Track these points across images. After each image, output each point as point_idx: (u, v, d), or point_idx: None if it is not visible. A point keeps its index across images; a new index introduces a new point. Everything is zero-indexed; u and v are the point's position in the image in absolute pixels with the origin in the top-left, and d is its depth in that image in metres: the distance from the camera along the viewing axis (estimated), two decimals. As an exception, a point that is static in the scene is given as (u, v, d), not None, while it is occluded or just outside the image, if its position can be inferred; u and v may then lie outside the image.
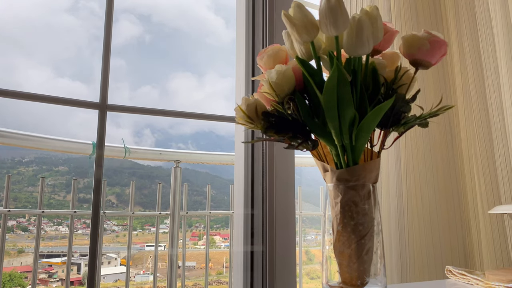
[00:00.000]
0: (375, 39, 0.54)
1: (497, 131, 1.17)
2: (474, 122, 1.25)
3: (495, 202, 1.17)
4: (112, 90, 2.10)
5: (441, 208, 1.22)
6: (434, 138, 1.25)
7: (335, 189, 0.56)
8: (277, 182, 1.18)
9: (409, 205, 1.19)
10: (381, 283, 0.55)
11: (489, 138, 1.20)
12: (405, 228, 1.18)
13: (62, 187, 7.85)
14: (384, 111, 0.52)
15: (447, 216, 1.22)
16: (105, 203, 1.60)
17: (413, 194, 1.19)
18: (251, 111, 0.58)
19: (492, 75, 1.20)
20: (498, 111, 1.17)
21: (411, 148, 1.22)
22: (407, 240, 1.18)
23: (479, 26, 1.27)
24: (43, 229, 1.95)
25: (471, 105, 1.27)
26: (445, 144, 1.27)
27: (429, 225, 1.19)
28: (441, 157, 1.25)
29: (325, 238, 0.58)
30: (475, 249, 1.24)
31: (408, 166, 1.21)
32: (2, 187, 1.38)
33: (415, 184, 1.20)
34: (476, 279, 0.82)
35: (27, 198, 6.68)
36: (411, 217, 1.19)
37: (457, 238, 1.22)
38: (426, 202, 1.20)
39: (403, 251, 1.17)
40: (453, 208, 1.24)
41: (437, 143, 1.25)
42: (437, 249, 1.19)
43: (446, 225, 1.21)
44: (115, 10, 1.14)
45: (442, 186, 1.23)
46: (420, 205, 1.20)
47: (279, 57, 0.62)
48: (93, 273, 0.99)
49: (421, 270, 1.16)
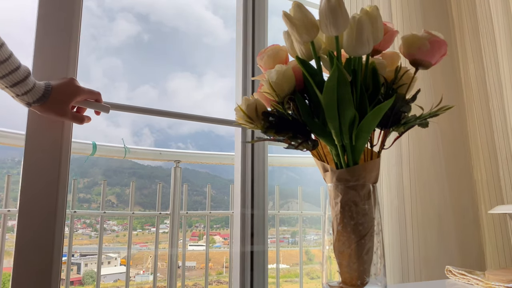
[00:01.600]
0: (375, 39, 0.54)
1: (499, 131, 1.17)
2: (476, 122, 1.25)
3: (498, 202, 1.17)
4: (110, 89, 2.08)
5: (442, 208, 1.22)
6: (436, 138, 1.25)
7: (335, 189, 0.56)
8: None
9: (410, 205, 1.19)
10: (381, 283, 0.55)
11: (491, 138, 1.20)
12: (406, 228, 1.18)
13: (62, 187, 7.84)
14: (384, 111, 0.52)
15: (449, 216, 1.22)
16: (105, 203, 1.60)
17: (414, 194, 1.19)
18: (251, 111, 0.58)
19: (494, 74, 1.20)
20: (500, 111, 1.17)
21: (413, 148, 1.22)
22: (407, 240, 1.18)
23: (480, 25, 1.27)
24: (43, 229, 1.93)
25: (473, 104, 1.27)
26: (447, 143, 1.27)
27: (430, 225, 1.19)
28: (444, 157, 1.25)
29: (325, 238, 0.58)
30: (479, 249, 1.24)
31: (410, 166, 1.21)
32: (2, 187, 1.38)
33: (416, 184, 1.20)
34: (476, 279, 0.82)
35: (27, 198, 6.66)
36: (412, 217, 1.19)
37: (460, 238, 1.22)
38: (427, 202, 1.20)
39: (403, 251, 1.17)
40: (455, 208, 1.24)
41: (439, 142, 1.25)
42: (436, 249, 1.18)
43: (448, 225, 1.21)
44: (113, 9, 1.14)
45: (444, 186, 1.23)
46: (421, 205, 1.19)
47: (279, 57, 0.62)
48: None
49: (421, 270, 1.16)
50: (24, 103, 0.79)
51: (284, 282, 2.36)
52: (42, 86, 0.79)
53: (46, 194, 0.83)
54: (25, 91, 0.76)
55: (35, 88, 0.77)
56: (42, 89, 0.78)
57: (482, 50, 1.26)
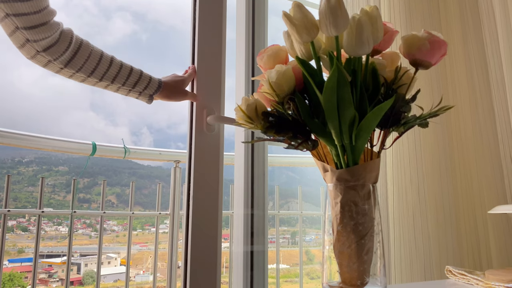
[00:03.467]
0: (375, 39, 0.54)
1: (503, 131, 1.17)
2: (480, 121, 1.24)
3: (500, 202, 1.17)
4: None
5: (442, 208, 1.22)
6: (437, 138, 1.25)
7: (335, 189, 0.56)
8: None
9: (411, 205, 1.19)
10: (381, 283, 0.55)
11: (494, 138, 1.20)
12: (406, 227, 1.18)
13: (62, 187, 7.84)
14: (384, 111, 0.52)
15: (450, 216, 1.22)
16: (105, 203, 1.60)
17: (415, 194, 1.19)
18: (251, 111, 0.58)
19: (497, 73, 1.20)
20: (503, 110, 1.17)
21: (415, 146, 1.22)
22: (408, 240, 1.18)
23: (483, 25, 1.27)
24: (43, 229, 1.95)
25: (476, 104, 1.27)
26: (449, 143, 1.27)
27: (430, 225, 1.19)
28: (445, 156, 1.25)
29: (325, 238, 0.58)
30: (479, 249, 1.24)
31: (411, 164, 1.21)
32: (2, 187, 1.38)
33: (418, 183, 1.20)
34: (476, 279, 0.82)
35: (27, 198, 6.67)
36: (413, 216, 1.19)
37: (461, 238, 1.22)
38: (428, 202, 1.20)
39: (403, 251, 1.17)
40: (456, 207, 1.24)
41: (440, 142, 1.25)
42: (437, 249, 1.18)
43: (448, 224, 1.21)
44: (109, 8, 1.15)
45: (446, 186, 1.23)
46: (422, 204, 1.19)
47: (279, 57, 0.62)
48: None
49: (421, 270, 1.16)
50: (147, 99, 0.89)
51: (284, 282, 2.36)
52: (154, 77, 0.89)
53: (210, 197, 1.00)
54: (145, 86, 0.86)
55: (152, 80, 0.87)
56: (156, 79, 0.89)
57: (485, 48, 1.26)
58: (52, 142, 1.48)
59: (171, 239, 1.67)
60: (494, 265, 1.18)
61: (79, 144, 1.55)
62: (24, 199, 6.83)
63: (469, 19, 1.31)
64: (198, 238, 1.00)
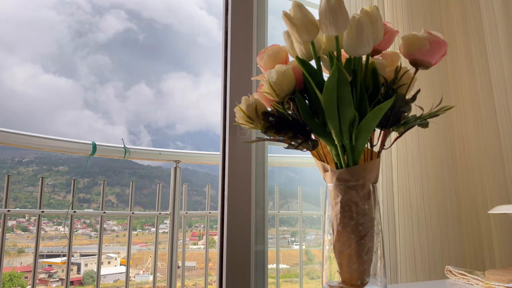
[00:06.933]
0: (375, 39, 0.54)
1: (505, 131, 1.17)
2: (482, 121, 1.24)
3: (503, 201, 1.17)
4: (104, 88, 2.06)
5: (443, 207, 1.22)
6: (438, 137, 1.25)
7: (335, 189, 0.56)
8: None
9: (411, 205, 1.19)
10: (381, 283, 0.55)
11: (496, 138, 1.20)
12: (410, 228, 1.18)
13: (62, 187, 7.85)
14: (384, 111, 0.52)
15: (450, 215, 1.22)
16: (105, 203, 1.60)
17: (416, 194, 1.19)
18: (251, 111, 0.58)
19: (498, 73, 1.20)
20: (505, 110, 1.17)
21: (417, 146, 1.22)
22: (412, 240, 1.18)
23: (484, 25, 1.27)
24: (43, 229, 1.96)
25: (478, 104, 1.26)
26: (451, 143, 1.27)
27: (434, 225, 1.19)
28: (447, 156, 1.25)
29: (325, 238, 0.58)
30: (479, 249, 1.24)
31: (414, 164, 1.21)
32: (2, 187, 1.38)
33: (419, 183, 1.20)
34: (476, 279, 0.82)
35: (27, 198, 6.68)
36: (417, 216, 1.18)
37: (466, 238, 1.22)
38: (429, 202, 1.20)
39: (408, 252, 1.17)
40: (456, 207, 1.24)
41: (441, 142, 1.25)
42: (439, 249, 1.18)
43: (448, 224, 1.21)
44: (103, 6, 1.16)
45: (448, 186, 1.23)
46: (425, 205, 1.19)
47: (279, 57, 0.62)
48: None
49: (425, 270, 1.16)
50: None
51: (284, 282, 2.36)
52: None
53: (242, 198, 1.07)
54: None
55: None
56: None
57: (486, 48, 1.26)
58: (52, 142, 1.48)
59: (171, 239, 1.67)
60: (497, 265, 1.18)
61: (79, 144, 1.56)
62: (24, 199, 6.84)
63: (471, 18, 1.31)
64: (232, 238, 1.05)
